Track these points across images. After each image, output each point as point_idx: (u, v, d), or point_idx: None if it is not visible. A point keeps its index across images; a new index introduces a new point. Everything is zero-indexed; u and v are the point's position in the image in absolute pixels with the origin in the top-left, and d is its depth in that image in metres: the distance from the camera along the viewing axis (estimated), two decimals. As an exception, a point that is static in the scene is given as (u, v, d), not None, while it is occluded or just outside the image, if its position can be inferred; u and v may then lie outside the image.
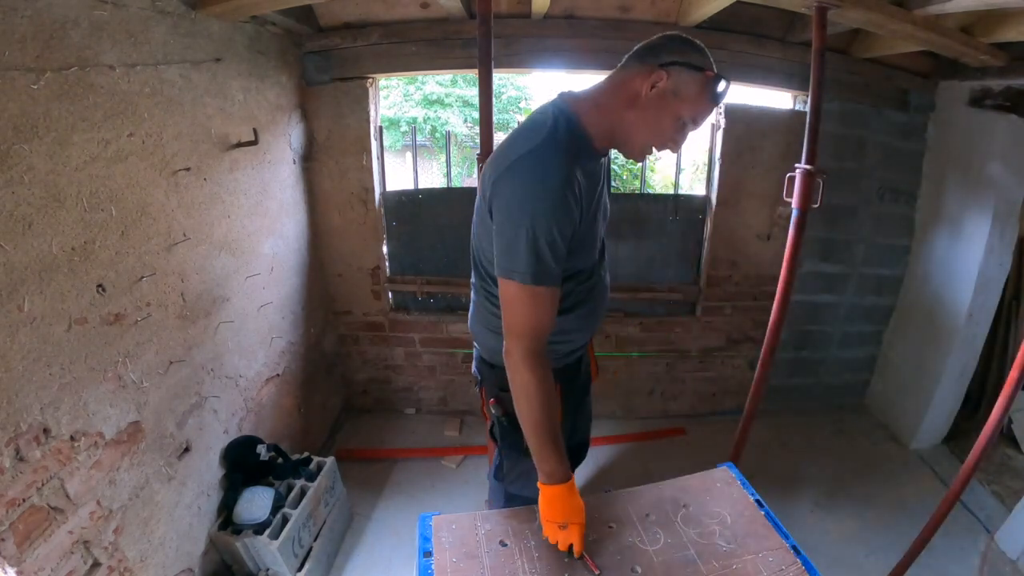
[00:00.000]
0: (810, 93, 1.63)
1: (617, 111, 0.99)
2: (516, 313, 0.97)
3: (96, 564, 1.22)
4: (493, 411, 1.24)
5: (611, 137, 1.02)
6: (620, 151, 1.05)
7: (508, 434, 1.24)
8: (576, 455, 1.53)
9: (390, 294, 2.63)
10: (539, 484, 1.04)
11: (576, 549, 1.00)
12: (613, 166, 5.07)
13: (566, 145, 0.95)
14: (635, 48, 1.00)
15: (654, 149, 1.03)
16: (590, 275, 1.16)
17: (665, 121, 0.97)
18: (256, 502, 1.67)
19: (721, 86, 0.96)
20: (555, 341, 1.14)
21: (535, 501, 1.14)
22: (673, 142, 1.00)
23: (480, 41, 1.59)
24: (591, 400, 1.51)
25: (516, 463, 1.28)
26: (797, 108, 2.41)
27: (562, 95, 1.03)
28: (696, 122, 0.99)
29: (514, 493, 1.36)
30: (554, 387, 1.02)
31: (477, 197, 1.10)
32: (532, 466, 1.18)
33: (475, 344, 1.31)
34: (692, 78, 0.94)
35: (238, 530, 1.64)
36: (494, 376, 1.22)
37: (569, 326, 1.17)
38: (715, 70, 0.96)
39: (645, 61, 0.96)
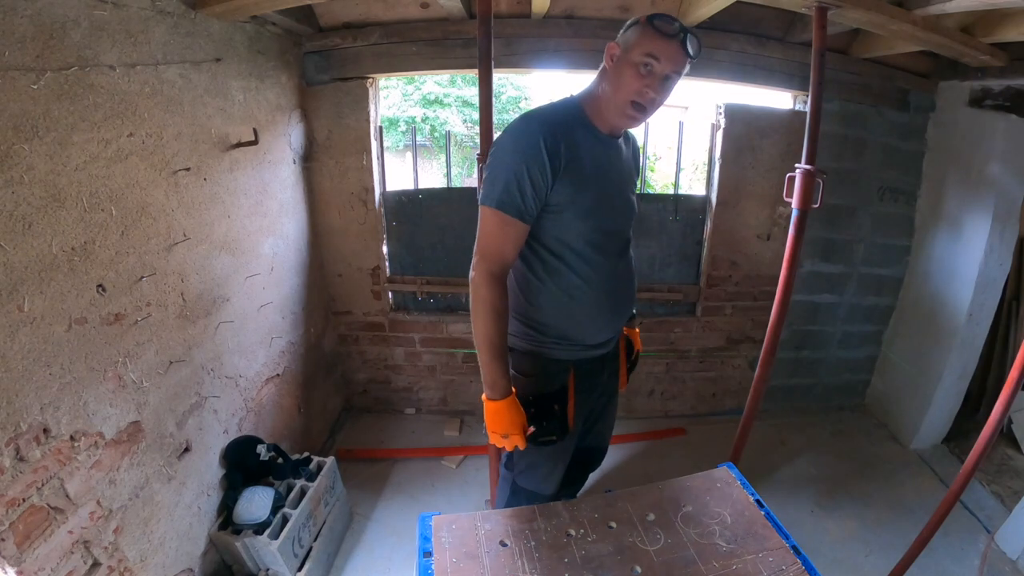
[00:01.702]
0: (810, 93, 1.63)
1: (598, 90, 1.15)
2: (484, 235, 1.10)
3: (96, 564, 1.22)
4: None
5: (601, 114, 1.14)
6: (614, 123, 1.16)
7: None
8: (589, 458, 1.53)
9: (390, 294, 2.63)
10: (483, 398, 1.16)
11: (521, 447, 1.16)
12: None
13: (556, 116, 1.11)
14: None
15: (632, 105, 1.10)
16: (588, 259, 1.18)
17: (627, 74, 1.07)
18: (256, 502, 1.67)
19: (658, 19, 1.05)
20: (565, 329, 1.22)
21: (539, 499, 1.17)
22: (647, 88, 1.07)
23: (480, 41, 1.58)
24: (615, 408, 1.50)
25: (524, 453, 1.29)
26: (797, 108, 2.41)
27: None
28: (656, 58, 1.05)
29: (521, 486, 1.37)
30: (507, 308, 1.14)
31: None
32: (539, 458, 1.29)
33: None
34: (634, 31, 1.08)
35: (238, 530, 1.64)
36: (512, 359, 1.24)
37: (578, 315, 1.22)
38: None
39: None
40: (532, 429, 1.17)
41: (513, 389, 1.16)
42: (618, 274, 1.26)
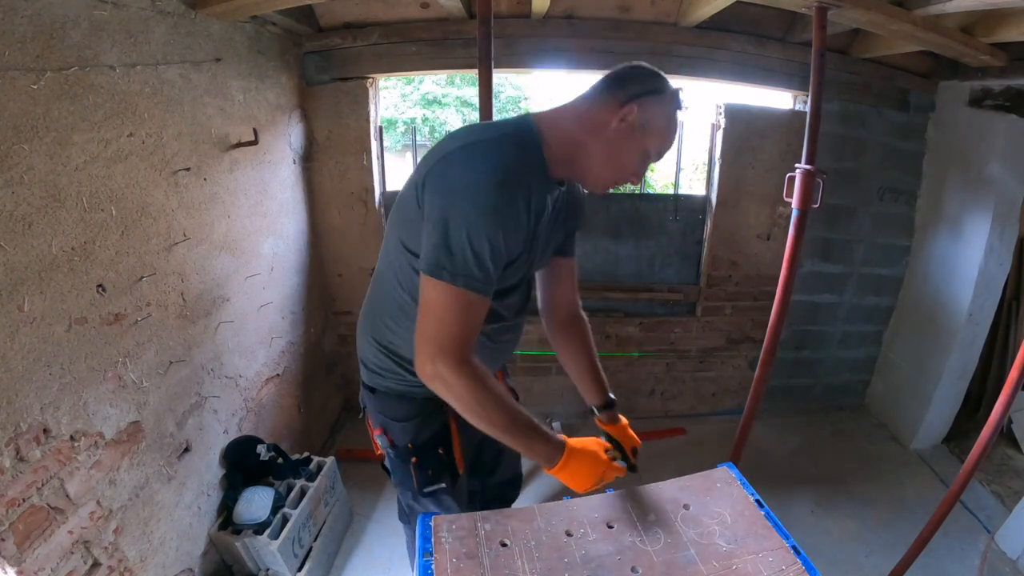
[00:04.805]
0: (810, 93, 1.63)
1: (582, 140, 0.94)
2: (442, 320, 0.86)
3: (96, 564, 1.22)
4: (380, 442, 1.15)
5: (571, 165, 0.96)
6: (578, 181, 1.01)
7: (397, 468, 1.15)
8: (509, 490, 1.46)
9: (390, 294, 2.62)
10: (549, 472, 1.00)
11: (622, 474, 1.05)
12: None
13: (526, 165, 0.89)
14: (604, 77, 0.97)
15: (615, 182, 0.99)
16: (500, 317, 1.05)
17: (631, 154, 0.94)
18: (256, 502, 1.67)
19: (682, 103, 0.95)
20: None
21: None
22: (635, 175, 0.97)
23: (480, 41, 1.59)
24: None
25: (414, 501, 1.17)
26: (797, 108, 2.41)
27: (528, 113, 0.98)
28: (660, 155, 0.97)
29: None
30: (495, 381, 0.93)
31: (403, 189, 0.99)
32: (433, 508, 1.15)
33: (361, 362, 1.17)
34: (660, 108, 0.93)
35: (238, 530, 1.64)
36: (377, 402, 1.13)
37: None
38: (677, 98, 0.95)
39: (614, 93, 0.93)
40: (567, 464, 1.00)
41: (563, 437, 1.00)
42: (509, 327, 1.12)
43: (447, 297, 0.85)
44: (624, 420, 1.27)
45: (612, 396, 1.26)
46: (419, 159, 1.04)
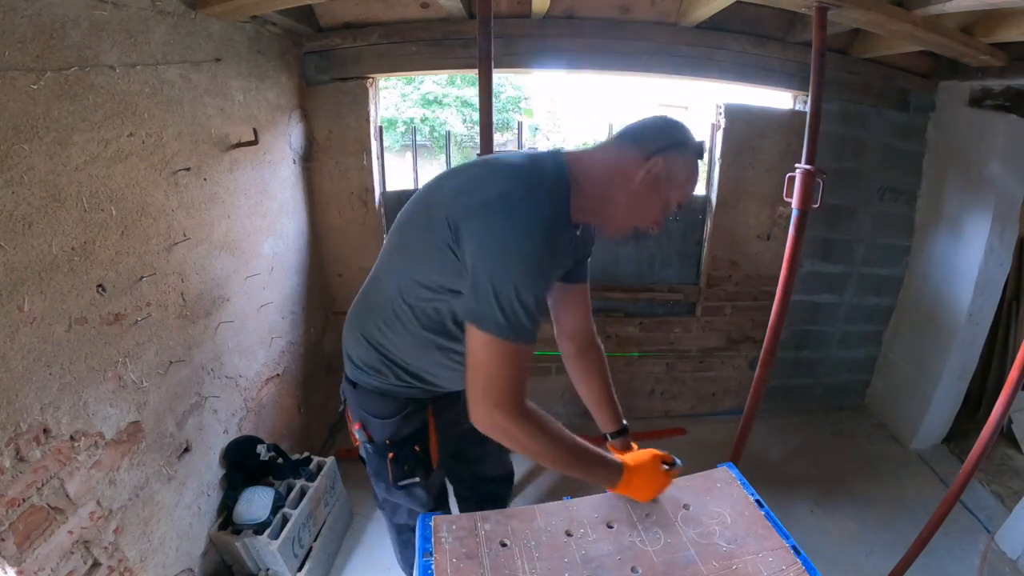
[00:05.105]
0: (810, 93, 1.63)
1: (608, 188, 0.97)
2: (500, 375, 0.88)
3: (96, 564, 1.22)
4: (358, 435, 1.17)
5: (593, 211, 0.98)
6: (599, 226, 1.03)
7: (373, 460, 1.18)
8: (501, 488, 1.47)
9: (390, 294, 2.62)
10: (610, 491, 1.06)
11: (676, 475, 1.11)
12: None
13: (552, 194, 0.90)
14: (629, 127, 0.99)
15: (635, 228, 1.02)
16: None
17: (654, 205, 0.97)
18: (256, 502, 1.67)
19: (703, 153, 0.99)
20: (425, 376, 1.10)
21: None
22: (655, 224, 1.01)
23: (480, 41, 1.59)
24: None
25: (387, 493, 1.22)
26: (797, 108, 2.41)
27: (559, 151, 1.00)
28: (680, 205, 1.00)
29: (400, 523, 1.32)
30: (551, 419, 0.97)
31: (421, 206, 1.00)
32: (403, 499, 1.22)
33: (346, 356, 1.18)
34: (684, 161, 0.95)
35: (238, 530, 1.64)
36: (358, 397, 1.14)
37: (444, 374, 1.11)
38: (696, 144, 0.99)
39: (641, 145, 0.95)
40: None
41: (620, 457, 1.05)
42: None
43: (500, 351, 0.87)
44: (635, 445, 1.31)
45: (625, 423, 1.31)
46: (418, 159, 1.05)
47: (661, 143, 0.94)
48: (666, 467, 1.11)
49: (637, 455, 1.08)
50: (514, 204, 0.86)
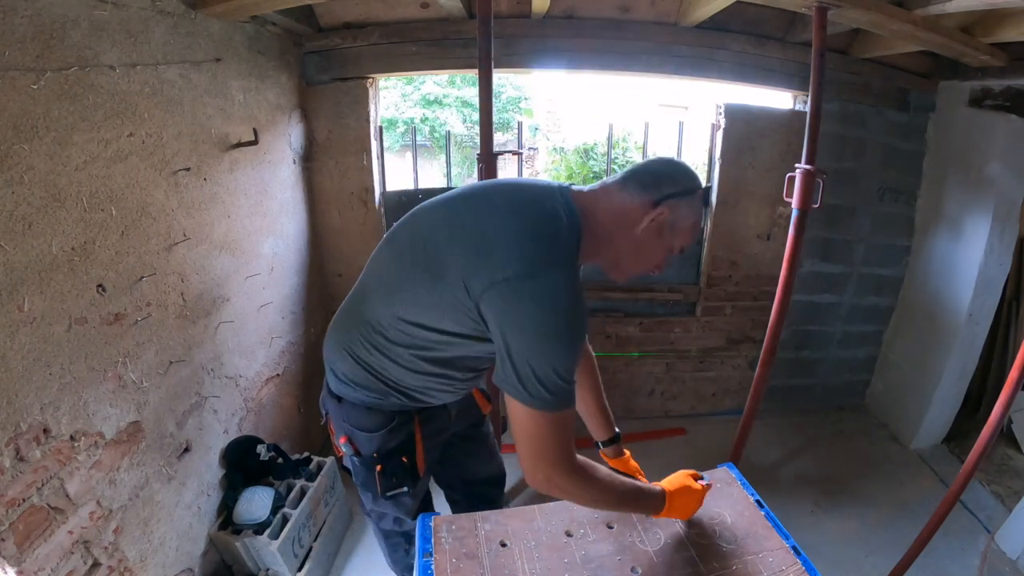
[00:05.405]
0: (810, 93, 1.63)
1: (613, 232, 0.96)
2: (552, 442, 0.88)
3: (96, 564, 1.22)
4: (345, 449, 1.17)
5: (598, 256, 0.98)
6: (602, 268, 1.02)
7: (360, 472, 1.18)
8: (492, 490, 1.48)
9: (390, 294, 2.62)
10: (656, 517, 1.09)
11: (708, 488, 1.12)
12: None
13: (568, 248, 0.89)
14: (635, 170, 0.98)
15: (640, 272, 1.03)
16: (475, 369, 1.09)
17: (657, 251, 0.98)
18: (256, 502, 1.67)
19: (709, 200, 1.01)
20: (413, 394, 1.09)
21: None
22: (658, 268, 1.02)
23: (480, 41, 1.59)
24: (487, 432, 1.42)
25: (374, 503, 1.24)
26: (797, 108, 2.41)
27: (567, 189, 0.96)
28: (683, 251, 1.01)
29: (387, 529, 1.34)
30: (596, 464, 0.97)
31: (420, 244, 0.97)
32: (389, 508, 1.24)
33: (329, 370, 1.16)
34: (689, 209, 0.96)
35: (238, 530, 1.64)
36: (344, 411, 1.13)
37: (434, 394, 1.11)
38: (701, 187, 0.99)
39: (648, 191, 0.94)
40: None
41: (658, 486, 1.06)
42: (481, 374, 1.17)
43: (546, 421, 0.87)
44: (627, 452, 1.34)
45: (618, 431, 1.32)
46: (419, 159, 1.03)
47: (667, 190, 0.94)
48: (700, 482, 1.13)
49: (672, 479, 1.10)
50: (539, 276, 0.83)
